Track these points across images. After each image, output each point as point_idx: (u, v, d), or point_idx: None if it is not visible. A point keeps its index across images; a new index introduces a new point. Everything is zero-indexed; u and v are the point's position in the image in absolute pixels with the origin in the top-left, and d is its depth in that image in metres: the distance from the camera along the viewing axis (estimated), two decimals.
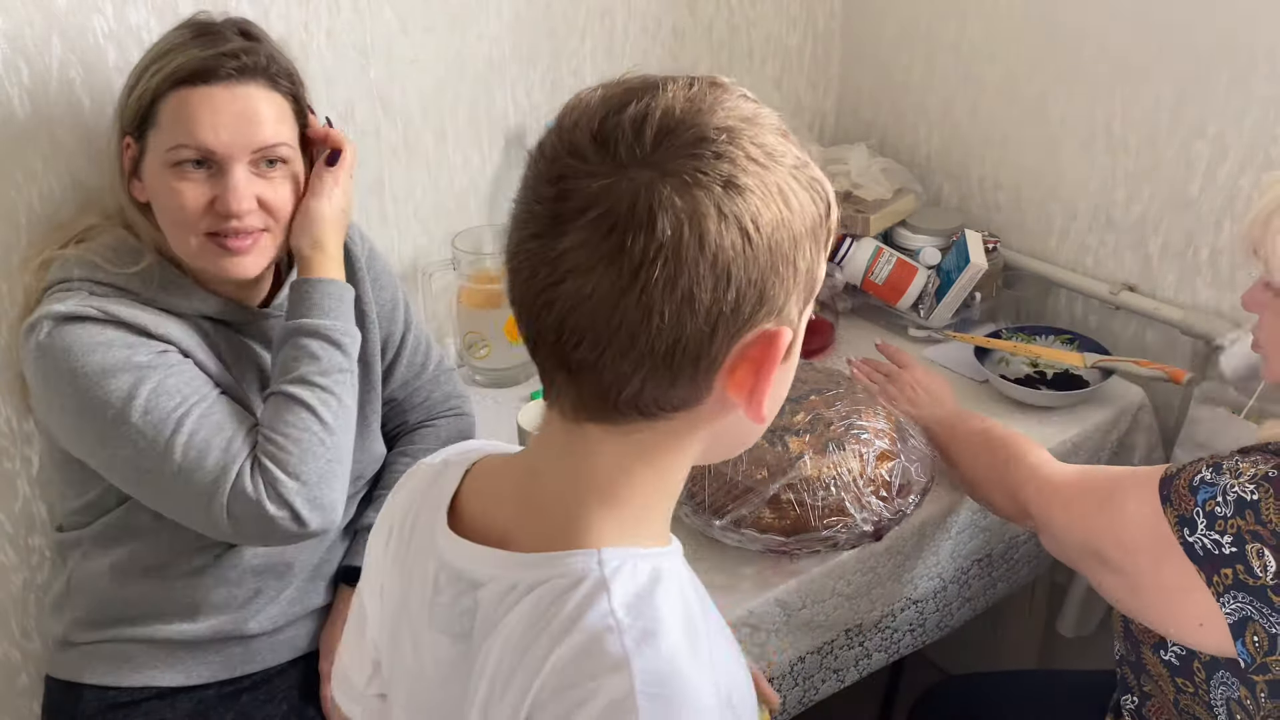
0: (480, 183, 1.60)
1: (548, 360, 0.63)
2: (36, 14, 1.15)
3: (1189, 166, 1.48)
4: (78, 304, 1.05)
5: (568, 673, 0.62)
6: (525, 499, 0.70)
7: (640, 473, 0.66)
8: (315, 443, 1.05)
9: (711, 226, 0.57)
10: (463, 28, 1.48)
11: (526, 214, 0.62)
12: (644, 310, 0.57)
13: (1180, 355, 1.56)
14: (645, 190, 0.57)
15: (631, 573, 0.64)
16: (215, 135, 1.03)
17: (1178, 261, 1.53)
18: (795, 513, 1.15)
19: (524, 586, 0.66)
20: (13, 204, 1.21)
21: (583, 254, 0.58)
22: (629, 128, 0.59)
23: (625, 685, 0.60)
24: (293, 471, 1.03)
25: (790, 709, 1.27)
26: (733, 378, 0.62)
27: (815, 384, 1.28)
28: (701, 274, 0.57)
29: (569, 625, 0.62)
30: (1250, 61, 1.37)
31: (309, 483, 1.04)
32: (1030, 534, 1.48)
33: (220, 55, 1.03)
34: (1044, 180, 1.67)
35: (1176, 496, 0.97)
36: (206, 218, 1.06)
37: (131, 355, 1.04)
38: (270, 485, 1.03)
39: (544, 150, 0.62)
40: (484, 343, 1.53)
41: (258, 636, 1.22)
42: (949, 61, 1.74)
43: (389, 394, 1.36)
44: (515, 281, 0.63)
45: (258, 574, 1.19)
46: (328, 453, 1.06)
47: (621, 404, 0.62)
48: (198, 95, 1.03)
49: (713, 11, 1.72)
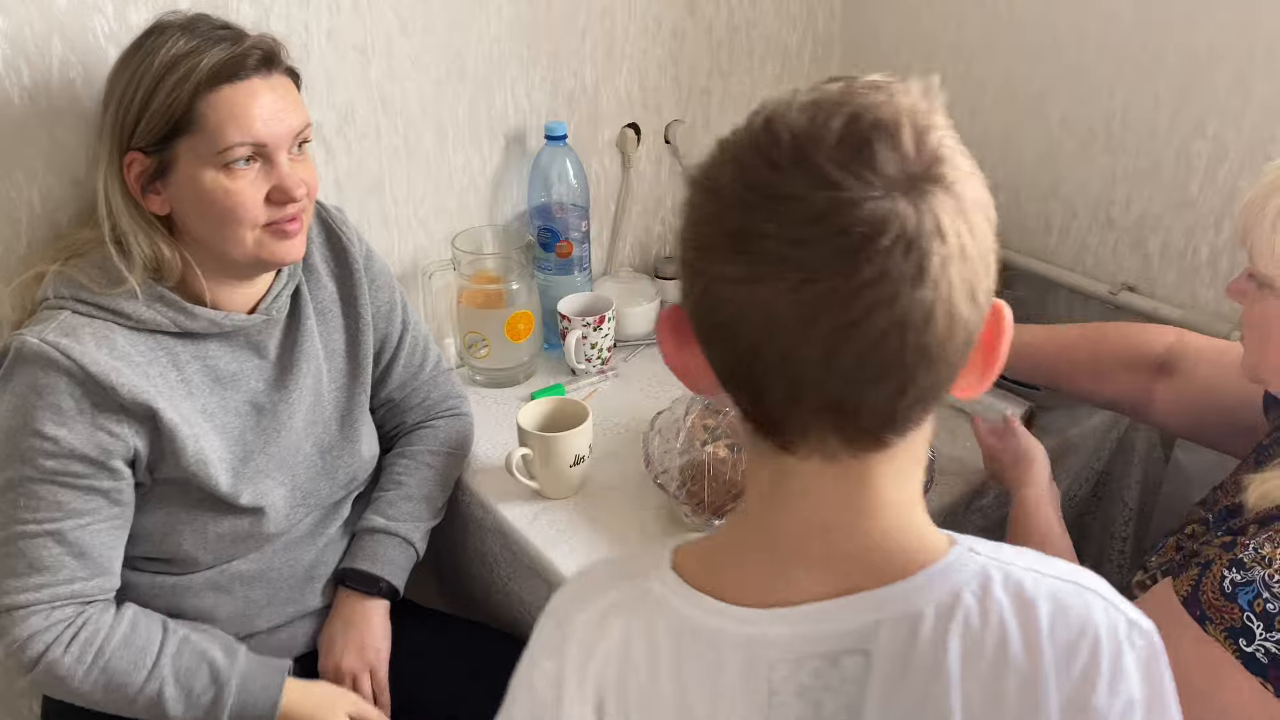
0: (480, 183, 1.60)
1: (819, 406, 0.59)
2: (37, 14, 1.15)
3: (1189, 166, 1.48)
4: (55, 332, 1.04)
5: (1062, 643, 0.62)
6: (832, 553, 0.64)
7: (914, 472, 0.66)
8: (133, 688, 1.08)
9: (976, 218, 0.58)
10: (463, 28, 1.48)
11: (778, 260, 0.56)
12: (947, 320, 0.57)
13: None
14: (920, 200, 0.56)
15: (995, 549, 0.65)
16: (266, 126, 1.04)
17: (1177, 261, 1.53)
18: None
19: (934, 610, 0.62)
20: (13, 204, 1.21)
21: (885, 284, 0.55)
22: (878, 145, 0.56)
23: (1115, 620, 0.63)
24: (84, 661, 1.06)
25: None
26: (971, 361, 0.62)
27: None
28: (981, 266, 0.59)
29: (1045, 608, 0.62)
30: (1250, 61, 1.38)
31: (71, 677, 1.06)
32: None
33: (248, 48, 1.03)
34: (1044, 180, 1.67)
35: (1213, 611, 0.87)
36: (265, 210, 1.06)
37: (36, 445, 1.02)
38: (34, 636, 1.05)
39: (780, 189, 0.56)
40: (484, 343, 1.53)
41: (254, 636, 1.22)
42: (948, 61, 1.74)
43: (386, 395, 1.36)
44: (781, 335, 0.57)
45: (249, 580, 1.19)
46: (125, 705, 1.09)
47: (911, 418, 0.61)
48: (240, 91, 1.03)
49: (713, 11, 1.73)
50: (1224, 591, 0.87)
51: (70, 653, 1.05)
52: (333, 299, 1.25)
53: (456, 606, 1.55)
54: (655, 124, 1.75)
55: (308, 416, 1.22)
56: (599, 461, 1.38)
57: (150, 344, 1.09)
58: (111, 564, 1.09)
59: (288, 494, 1.19)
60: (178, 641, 1.10)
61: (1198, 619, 0.88)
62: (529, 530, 1.28)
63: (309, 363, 1.21)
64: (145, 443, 1.07)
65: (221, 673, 1.10)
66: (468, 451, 1.40)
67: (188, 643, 1.11)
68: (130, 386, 1.05)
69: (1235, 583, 0.86)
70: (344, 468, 1.26)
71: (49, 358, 1.02)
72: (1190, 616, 0.88)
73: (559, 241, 1.61)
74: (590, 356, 1.58)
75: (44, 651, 1.05)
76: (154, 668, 1.08)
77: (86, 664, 1.06)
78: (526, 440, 1.29)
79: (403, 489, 1.31)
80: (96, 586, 1.08)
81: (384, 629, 1.25)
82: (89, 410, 1.04)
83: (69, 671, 1.05)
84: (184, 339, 1.11)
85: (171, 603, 1.16)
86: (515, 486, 1.33)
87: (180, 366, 1.11)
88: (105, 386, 1.04)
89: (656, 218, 1.84)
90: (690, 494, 1.21)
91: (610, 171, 1.74)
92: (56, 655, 1.05)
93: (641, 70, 1.70)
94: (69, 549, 1.05)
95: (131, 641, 1.08)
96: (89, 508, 1.06)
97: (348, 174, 1.46)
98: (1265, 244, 0.91)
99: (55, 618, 1.05)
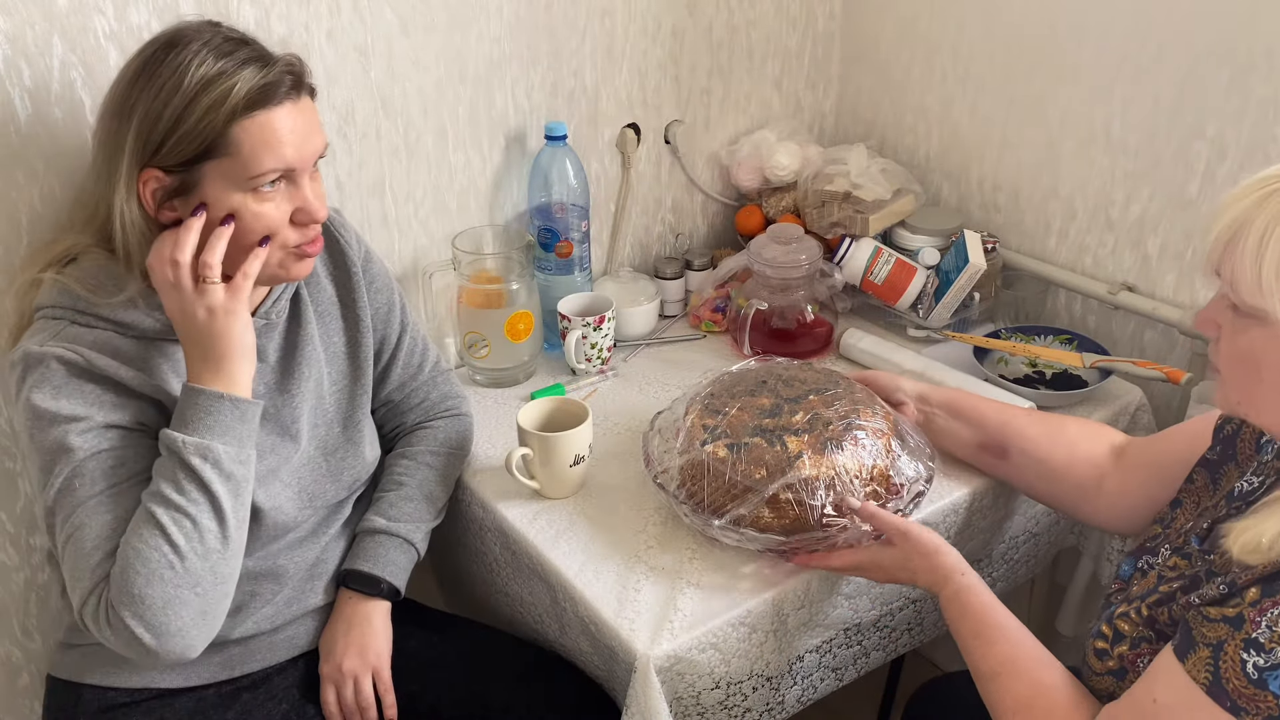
0: (480, 183, 1.60)
1: None
2: (38, 14, 1.16)
3: (1188, 167, 1.48)
4: (56, 341, 1.04)
5: None
6: None
7: None
8: (164, 566, 1.00)
9: None
10: (463, 28, 1.48)
11: None
12: None
13: (1178, 355, 1.57)
14: None
15: None
16: (297, 152, 1.04)
17: (1176, 262, 1.53)
18: (794, 512, 1.16)
19: None
20: (14, 204, 1.21)
21: None
22: None
23: None
24: (136, 594, 0.99)
25: (789, 708, 1.28)
26: None
27: (814, 384, 1.29)
28: None
29: None
30: (1249, 61, 1.38)
31: (151, 606, 1.00)
32: (1028, 534, 1.49)
33: (280, 74, 1.03)
34: (1043, 180, 1.67)
35: (1245, 701, 0.84)
36: (293, 232, 1.07)
37: (70, 428, 1.02)
38: (112, 608, 1.01)
39: None
40: (484, 343, 1.53)
41: (256, 637, 1.23)
42: (948, 62, 1.75)
43: (386, 395, 1.36)
44: None
45: (252, 578, 1.19)
46: (176, 578, 1.01)
47: None
48: (275, 117, 1.02)
49: (712, 12, 1.73)
50: (1250, 679, 0.84)
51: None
52: (332, 301, 1.26)
53: (456, 606, 1.55)
54: (655, 124, 1.75)
55: (311, 419, 1.22)
56: (599, 461, 1.39)
57: (152, 350, 1.09)
58: None
59: (293, 496, 1.20)
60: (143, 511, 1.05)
61: (1230, 709, 0.85)
62: (529, 530, 1.28)
63: (310, 365, 1.21)
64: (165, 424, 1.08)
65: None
66: (468, 451, 1.40)
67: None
68: (139, 380, 1.06)
69: (1260, 667, 0.83)
70: (347, 469, 1.26)
71: (57, 354, 1.03)
72: (1221, 708, 0.85)
73: (559, 241, 1.61)
74: (590, 356, 1.58)
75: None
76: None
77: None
78: (526, 440, 1.30)
79: (403, 489, 1.31)
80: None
81: (385, 630, 1.25)
82: (111, 395, 1.05)
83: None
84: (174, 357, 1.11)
85: None
86: (515, 486, 1.33)
87: (181, 374, 1.11)
88: (114, 380, 1.05)
89: (656, 218, 1.84)
90: (690, 494, 1.21)
91: (610, 171, 1.74)
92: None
93: (641, 70, 1.70)
94: (116, 509, 1.04)
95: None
96: (140, 467, 1.06)
97: (348, 174, 1.46)
98: (1249, 274, 0.86)
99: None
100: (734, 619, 1.16)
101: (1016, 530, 1.46)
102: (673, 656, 1.12)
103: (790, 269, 1.59)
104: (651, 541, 1.26)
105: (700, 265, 1.80)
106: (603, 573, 1.21)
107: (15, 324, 1.13)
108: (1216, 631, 0.87)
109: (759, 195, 1.85)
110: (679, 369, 1.63)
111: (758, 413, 1.24)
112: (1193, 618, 0.90)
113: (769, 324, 1.63)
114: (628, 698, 1.12)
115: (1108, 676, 1.01)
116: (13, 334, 1.12)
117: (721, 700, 1.19)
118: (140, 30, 1.22)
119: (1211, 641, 0.87)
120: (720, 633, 1.15)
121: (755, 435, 1.20)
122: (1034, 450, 1.27)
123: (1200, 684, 0.87)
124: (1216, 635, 0.87)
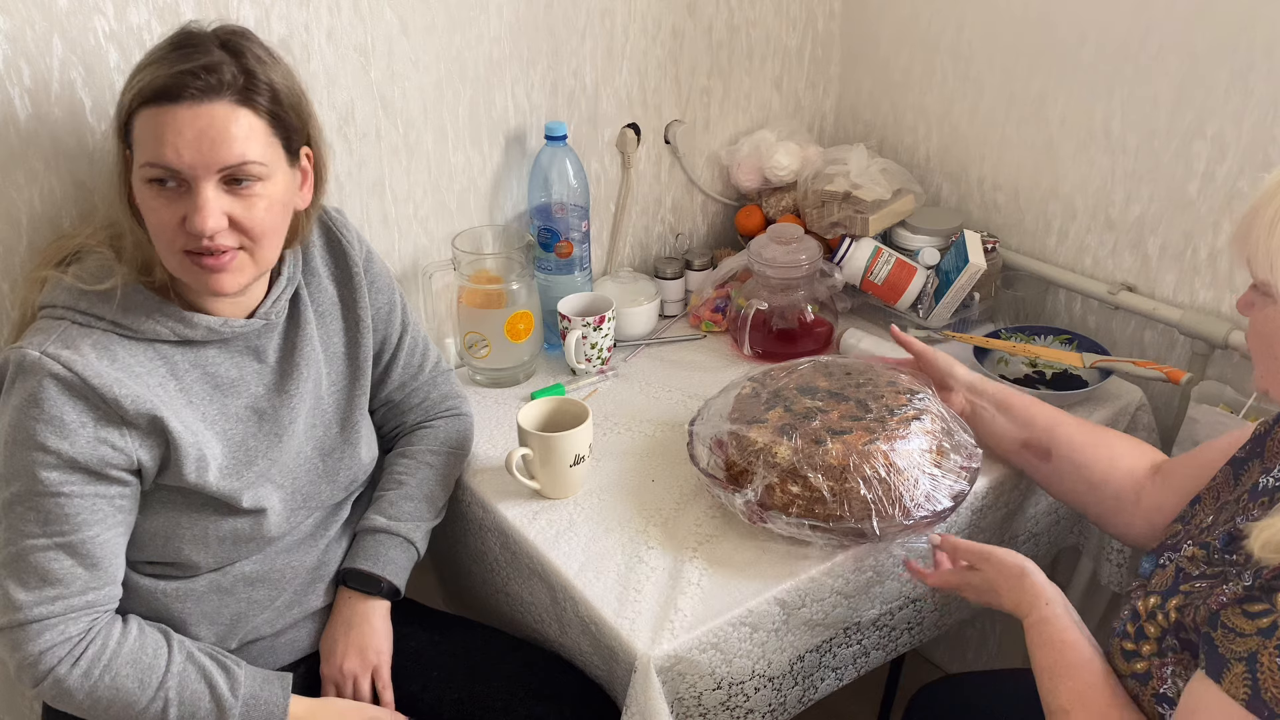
0: (480, 183, 1.60)
1: None
2: (38, 14, 1.15)
3: (1188, 167, 1.48)
4: (56, 344, 1.03)
5: None
6: None
7: None
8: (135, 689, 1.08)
9: None
10: (463, 28, 1.48)
11: None
12: None
13: (1178, 355, 1.57)
14: None
15: None
16: (178, 155, 1.00)
17: (1176, 262, 1.54)
18: (830, 501, 1.18)
19: None
20: (14, 204, 1.21)
21: None
22: None
23: None
24: (87, 705, 1.07)
25: (790, 707, 1.28)
26: None
27: (875, 381, 1.33)
28: None
29: None
30: (1249, 61, 1.38)
31: (82, 706, 1.07)
32: (1029, 534, 1.49)
33: (185, 74, 1.00)
34: (1043, 180, 1.67)
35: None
36: (181, 235, 1.04)
37: (40, 458, 1.02)
38: (49, 670, 1.05)
39: None
40: (484, 343, 1.53)
41: (256, 641, 1.23)
42: (948, 62, 1.75)
43: (386, 395, 1.36)
44: None
45: (250, 583, 1.19)
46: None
47: None
48: (163, 115, 1.00)
49: (712, 12, 1.73)
50: None
51: (79, 667, 1.05)
52: (332, 301, 1.26)
53: (456, 606, 1.55)
54: (655, 124, 1.76)
55: (308, 420, 1.22)
56: (599, 461, 1.39)
57: (149, 354, 1.09)
58: (118, 572, 1.09)
59: (288, 497, 1.20)
60: (182, 660, 1.10)
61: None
62: (529, 530, 1.28)
63: (309, 366, 1.21)
64: (149, 454, 1.07)
65: (224, 700, 1.10)
66: (468, 451, 1.40)
67: (192, 661, 1.11)
68: (133, 398, 1.04)
69: None
70: (344, 470, 1.26)
71: (50, 370, 1.02)
72: (1262, 717, 0.84)
73: (559, 241, 1.61)
74: (590, 356, 1.58)
75: (55, 665, 1.04)
76: (159, 688, 1.08)
77: (94, 678, 1.06)
78: (526, 440, 1.30)
79: (403, 489, 1.31)
80: (107, 595, 1.08)
81: (385, 630, 1.25)
82: (91, 423, 1.03)
83: (77, 686, 1.05)
84: (182, 346, 1.11)
85: (174, 607, 1.16)
86: (515, 486, 1.33)
87: (178, 376, 1.10)
88: (108, 399, 1.03)
89: (656, 218, 1.84)
90: (730, 477, 1.25)
91: (610, 171, 1.74)
92: (66, 670, 1.05)
93: (641, 70, 1.70)
94: (80, 560, 1.05)
95: (139, 659, 1.08)
96: (96, 518, 1.05)
97: (348, 174, 1.46)
98: (1262, 252, 0.90)
99: (69, 631, 1.05)
100: (735, 618, 1.16)
101: (1017, 530, 1.46)
102: (673, 656, 1.12)
103: (790, 269, 1.59)
104: (652, 541, 1.26)
105: (700, 265, 1.80)
106: (603, 573, 1.21)
107: (18, 319, 1.13)
108: (1248, 644, 0.86)
109: (759, 195, 1.85)
110: (679, 369, 1.63)
111: (819, 408, 1.28)
112: (1220, 637, 0.88)
113: (769, 324, 1.63)
114: (628, 698, 1.12)
115: (1132, 680, 1.01)
116: (15, 328, 1.12)
117: (724, 701, 1.19)
118: (140, 30, 1.22)
119: (1243, 655, 0.86)
120: (721, 632, 1.15)
121: (822, 430, 1.24)
122: (1078, 456, 1.27)
123: (1239, 699, 0.85)
124: (1248, 648, 0.86)
